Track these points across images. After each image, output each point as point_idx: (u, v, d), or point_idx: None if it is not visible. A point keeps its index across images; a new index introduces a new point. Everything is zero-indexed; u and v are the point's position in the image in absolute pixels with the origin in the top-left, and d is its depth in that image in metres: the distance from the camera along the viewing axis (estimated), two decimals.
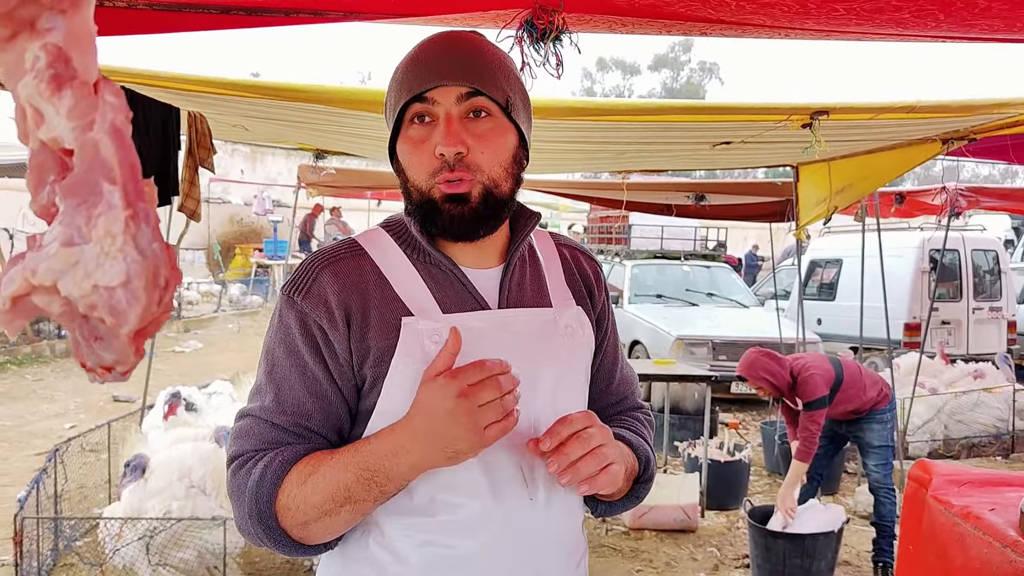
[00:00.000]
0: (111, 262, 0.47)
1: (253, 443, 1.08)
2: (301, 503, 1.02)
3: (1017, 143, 3.79)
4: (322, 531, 1.05)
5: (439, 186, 1.09)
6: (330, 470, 1.02)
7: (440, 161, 1.08)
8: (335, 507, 1.02)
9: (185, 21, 1.93)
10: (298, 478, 1.03)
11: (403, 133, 1.13)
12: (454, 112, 1.08)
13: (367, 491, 1.01)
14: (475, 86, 1.08)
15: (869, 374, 4.17)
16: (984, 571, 1.96)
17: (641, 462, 1.25)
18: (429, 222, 1.12)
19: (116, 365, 0.52)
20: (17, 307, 0.51)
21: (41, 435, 6.59)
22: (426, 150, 1.09)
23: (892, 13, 1.57)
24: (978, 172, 34.83)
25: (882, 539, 4.14)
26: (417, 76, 1.09)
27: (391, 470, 1.01)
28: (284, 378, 1.10)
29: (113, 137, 0.50)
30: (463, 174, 1.08)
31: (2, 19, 0.49)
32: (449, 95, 1.08)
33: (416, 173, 1.11)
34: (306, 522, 1.04)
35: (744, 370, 4.02)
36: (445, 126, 1.08)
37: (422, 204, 1.11)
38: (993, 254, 9.87)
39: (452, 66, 1.09)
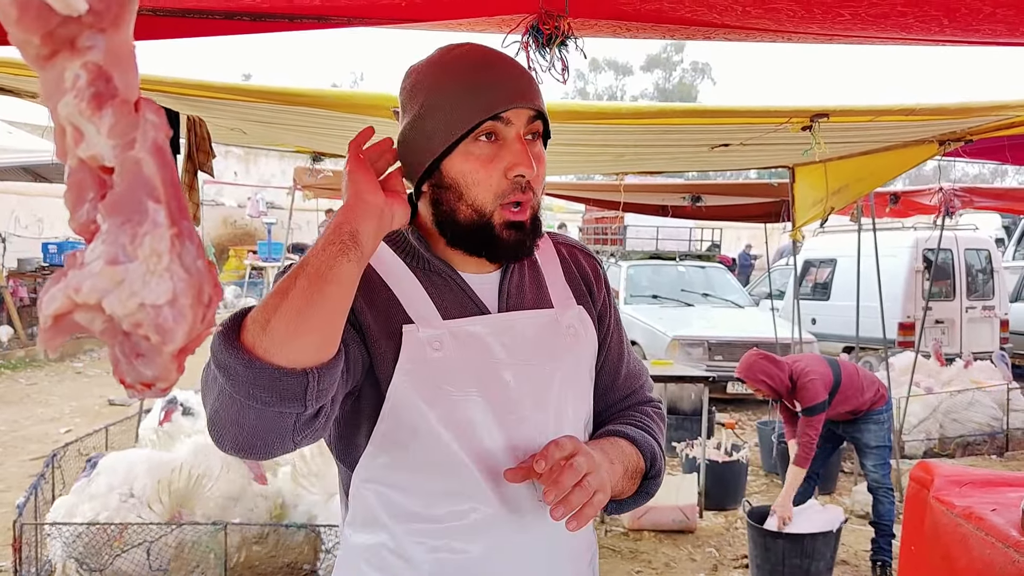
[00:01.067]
0: (157, 280, 0.47)
1: None
2: (261, 306, 0.91)
3: (1013, 143, 3.81)
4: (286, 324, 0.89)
5: (502, 211, 1.09)
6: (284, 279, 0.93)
7: (511, 183, 1.08)
8: (290, 281, 0.91)
9: (189, 27, 1.93)
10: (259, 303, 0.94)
11: (464, 149, 1.09)
12: (523, 133, 1.10)
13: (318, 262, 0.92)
14: (541, 109, 1.11)
15: (866, 375, 4.19)
16: (987, 571, 1.97)
17: (647, 459, 1.23)
18: (474, 243, 1.12)
19: (157, 381, 0.52)
20: (59, 325, 0.51)
21: (36, 439, 6.56)
22: (495, 170, 1.08)
23: (897, 18, 1.59)
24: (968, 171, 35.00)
25: (880, 538, 4.16)
26: (493, 93, 1.07)
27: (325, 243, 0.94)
28: None
29: (155, 156, 0.50)
30: (527, 197, 1.10)
31: (43, 38, 0.49)
32: (522, 116, 1.09)
33: (479, 192, 1.09)
34: (267, 318, 0.90)
35: (743, 372, 4.03)
36: (523, 147, 1.08)
37: (474, 224, 1.10)
38: (986, 253, 9.92)
39: (525, 87, 1.10)
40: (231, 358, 0.88)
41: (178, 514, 3.58)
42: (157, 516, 3.52)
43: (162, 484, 3.56)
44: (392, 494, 1.11)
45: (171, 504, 3.57)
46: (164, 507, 3.55)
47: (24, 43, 0.49)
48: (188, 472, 3.66)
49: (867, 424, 4.11)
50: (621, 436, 1.21)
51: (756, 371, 3.97)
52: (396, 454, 1.10)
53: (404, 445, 1.09)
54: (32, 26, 0.47)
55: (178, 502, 3.60)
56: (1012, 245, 13.48)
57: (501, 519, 1.09)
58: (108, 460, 3.82)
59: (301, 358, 0.90)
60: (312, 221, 17.70)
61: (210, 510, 3.66)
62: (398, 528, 1.10)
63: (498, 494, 1.10)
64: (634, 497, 1.25)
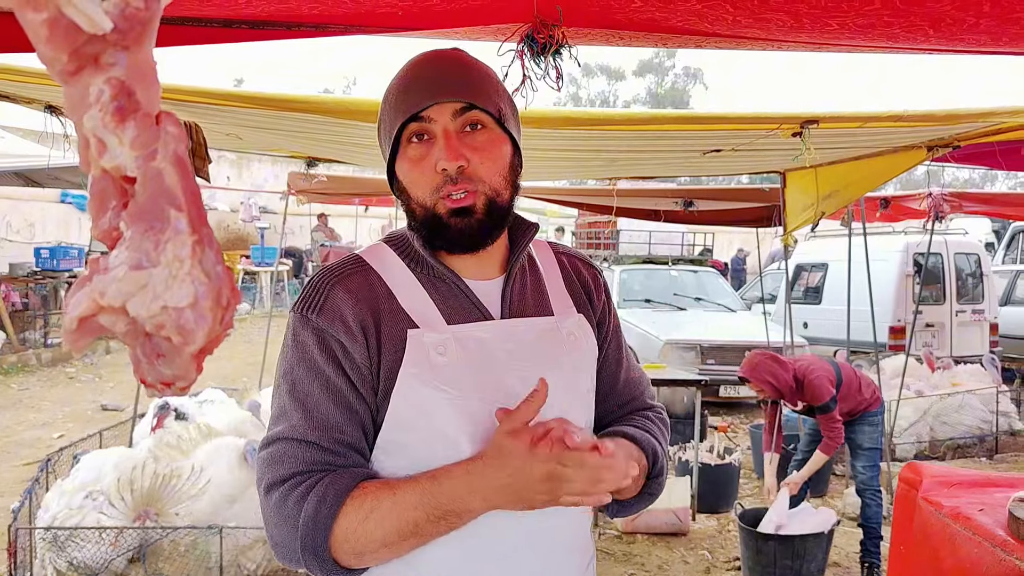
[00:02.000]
0: (179, 284, 0.50)
1: (291, 467, 1.07)
2: (361, 537, 1.03)
3: (1004, 148, 3.87)
4: (377, 559, 1.07)
5: (443, 201, 1.12)
6: (395, 508, 1.03)
7: (442, 176, 1.11)
8: (398, 540, 1.04)
9: (188, 35, 1.95)
10: (357, 513, 1.03)
11: (401, 153, 1.15)
12: (451, 127, 1.11)
13: (436, 527, 1.03)
14: (469, 100, 1.12)
15: (862, 376, 4.24)
16: (975, 571, 2.00)
17: (648, 457, 1.25)
18: (436, 237, 1.14)
19: (177, 380, 0.54)
20: (83, 327, 0.53)
21: (28, 445, 6.54)
22: (427, 167, 1.12)
23: (883, 28, 1.62)
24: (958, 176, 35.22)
25: (868, 540, 4.20)
26: (411, 97, 1.12)
27: (464, 509, 1.03)
28: (308, 395, 1.09)
29: (176, 166, 0.53)
30: (466, 186, 1.11)
31: (70, 56, 0.52)
32: (444, 112, 1.11)
33: (419, 190, 1.14)
34: (363, 553, 1.05)
35: (747, 372, 4.02)
36: (444, 142, 1.11)
37: (427, 220, 1.14)
38: (975, 257, 10.00)
39: (444, 83, 1.12)
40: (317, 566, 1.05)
41: (144, 513, 3.56)
42: (120, 514, 3.50)
43: (123, 482, 3.55)
44: None
45: (135, 503, 3.54)
46: (127, 505, 3.53)
47: (52, 60, 0.51)
48: (153, 471, 3.65)
49: (862, 425, 4.15)
50: (622, 435, 1.23)
51: (762, 371, 3.96)
52: (398, 456, 1.11)
53: (406, 447, 1.11)
54: (61, 44, 0.50)
55: (144, 501, 3.57)
56: (1001, 249, 13.59)
57: (504, 523, 1.11)
58: (88, 458, 3.85)
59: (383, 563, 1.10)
60: (305, 226, 17.68)
61: (203, 511, 3.66)
62: None
63: None
64: (638, 498, 1.27)
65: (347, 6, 1.74)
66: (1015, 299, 11.05)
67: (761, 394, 4.11)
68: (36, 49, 0.52)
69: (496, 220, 1.15)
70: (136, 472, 3.61)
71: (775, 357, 4.04)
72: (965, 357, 9.10)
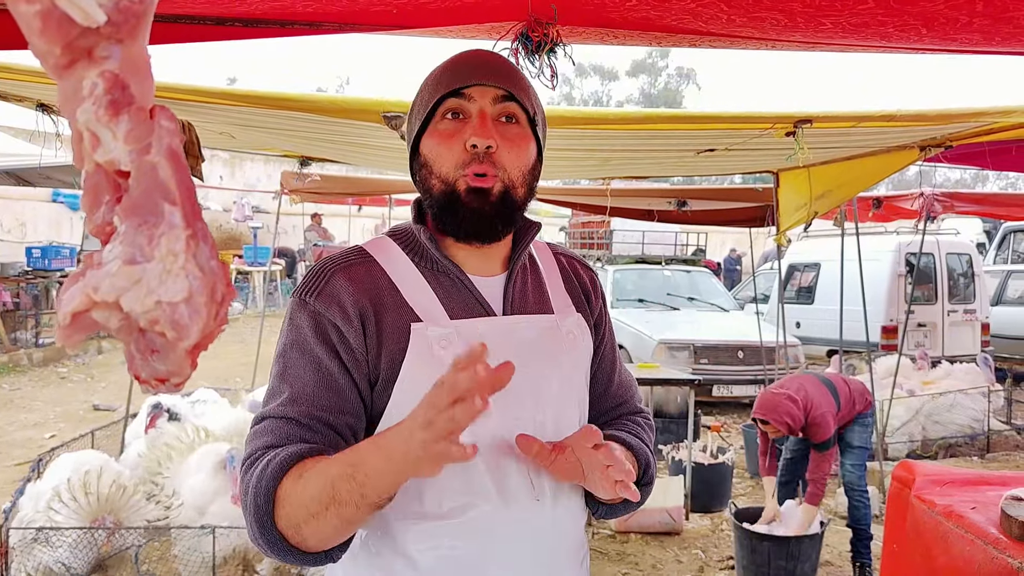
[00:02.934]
0: (173, 279, 0.49)
1: (265, 440, 1.06)
2: (294, 501, 0.99)
3: (992, 149, 3.88)
4: (314, 536, 1.00)
5: (465, 178, 1.12)
6: (322, 468, 0.99)
7: (470, 154, 1.12)
8: (321, 508, 0.97)
9: (181, 33, 1.94)
10: (295, 474, 1.00)
11: (432, 127, 1.17)
12: (488, 110, 1.14)
13: (348, 490, 0.96)
14: (511, 90, 1.14)
15: (854, 385, 4.21)
16: (967, 568, 2.01)
17: (641, 465, 1.27)
18: (448, 214, 1.15)
19: (171, 376, 0.54)
20: (77, 322, 0.53)
21: (20, 445, 6.50)
22: (456, 142, 1.13)
23: (877, 27, 1.63)
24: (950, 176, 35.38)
25: (859, 541, 4.20)
26: (457, 74, 1.14)
27: (368, 464, 0.96)
28: (297, 376, 1.10)
29: (170, 160, 0.52)
30: (489, 168, 1.12)
31: (63, 48, 0.51)
32: (486, 95, 1.14)
33: (443, 164, 1.14)
34: (298, 524, 0.99)
35: (766, 414, 3.92)
36: (479, 121, 1.12)
37: (444, 195, 1.14)
38: (967, 257, 10.05)
39: (491, 69, 1.15)
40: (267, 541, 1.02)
41: (101, 519, 3.52)
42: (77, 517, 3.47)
43: (73, 485, 3.53)
44: None
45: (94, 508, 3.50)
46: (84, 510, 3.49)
47: (45, 53, 0.51)
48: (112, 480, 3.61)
49: (853, 426, 4.16)
50: (619, 441, 1.24)
51: (782, 413, 3.86)
52: None
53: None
54: (54, 37, 0.50)
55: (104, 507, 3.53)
56: (993, 249, 13.65)
57: (499, 517, 1.12)
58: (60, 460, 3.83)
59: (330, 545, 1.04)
60: (298, 225, 17.66)
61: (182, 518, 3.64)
62: (397, 526, 1.12)
63: (497, 492, 1.12)
64: (624, 503, 1.27)
65: (341, 4, 1.74)
66: (1006, 299, 11.10)
67: (776, 433, 3.99)
68: (29, 42, 0.52)
69: (507, 211, 1.16)
70: (90, 476, 3.57)
71: (789, 396, 3.93)
72: (957, 356, 9.15)
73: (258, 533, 1.01)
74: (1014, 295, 11.09)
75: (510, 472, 1.13)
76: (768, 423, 3.93)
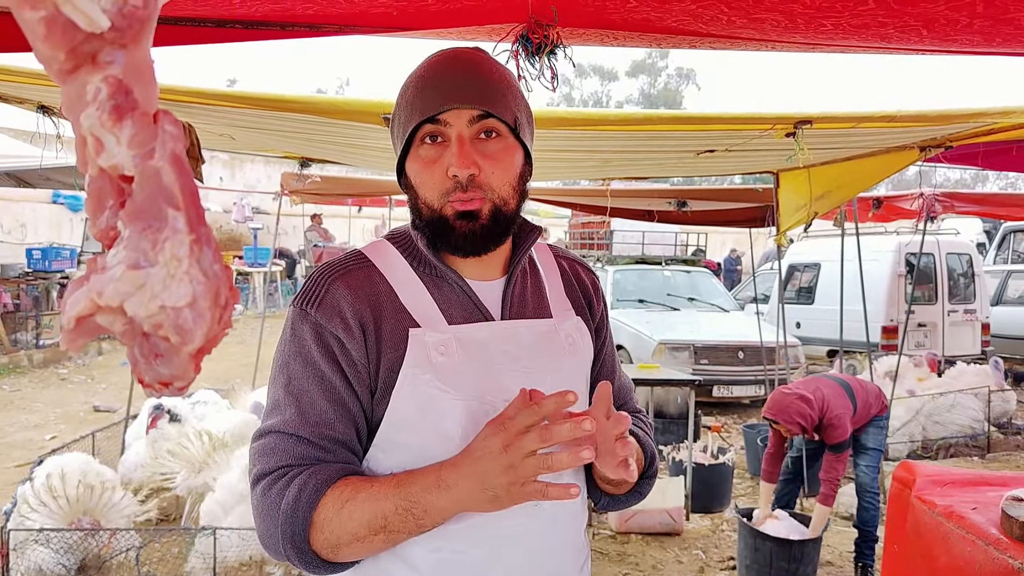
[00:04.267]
0: (177, 284, 0.49)
1: (279, 459, 1.08)
2: (336, 528, 1.03)
3: (991, 149, 3.88)
4: (352, 554, 1.06)
5: (451, 204, 1.11)
6: (369, 498, 1.02)
7: (453, 182, 1.11)
8: (370, 534, 1.02)
9: (182, 35, 1.94)
10: (334, 503, 1.03)
11: (413, 152, 1.15)
12: (466, 133, 1.11)
13: (404, 522, 1.01)
14: (486, 109, 1.11)
15: (870, 388, 4.19)
16: (967, 568, 2.02)
17: (646, 458, 1.29)
18: (440, 238, 1.14)
19: (175, 380, 0.54)
20: (81, 327, 0.53)
21: (20, 446, 6.51)
22: (438, 170, 1.12)
23: (877, 28, 1.63)
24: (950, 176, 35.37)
25: (864, 543, 4.21)
26: (429, 97, 1.11)
27: (430, 504, 1.00)
28: (303, 390, 1.09)
29: (174, 165, 0.52)
30: (474, 193, 1.11)
31: (67, 54, 0.51)
32: (461, 117, 1.11)
33: (428, 192, 1.13)
34: (338, 545, 1.04)
35: (776, 414, 3.90)
36: (458, 148, 1.10)
37: (433, 221, 1.14)
38: (967, 257, 10.06)
39: (464, 89, 1.10)
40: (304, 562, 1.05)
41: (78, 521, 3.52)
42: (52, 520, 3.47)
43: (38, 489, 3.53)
44: None
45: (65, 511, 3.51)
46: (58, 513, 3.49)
47: (49, 58, 0.51)
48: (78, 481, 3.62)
49: (868, 428, 4.13)
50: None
51: (792, 413, 3.84)
52: (397, 456, 1.12)
53: (405, 446, 1.11)
54: (58, 42, 0.50)
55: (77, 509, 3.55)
56: (993, 249, 13.66)
57: (500, 522, 1.11)
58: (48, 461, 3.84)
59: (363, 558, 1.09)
60: (298, 226, 17.65)
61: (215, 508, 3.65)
62: None
63: None
64: (628, 495, 1.29)
65: (341, 6, 1.74)
66: (1006, 299, 11.11)
67: (788, 433, 3.98)
68: (33, 47, 0.52)
69: (501, 227, 1.15)
70: (52, 480, 3.57)
71: (802, 396, 3.91)
72: (957, 356, 9.15)
73: (292, 554, 1.05)
74: (1014, 295, 11.09)
75: None
76: (779, 423, 3.91)
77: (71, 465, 3.80)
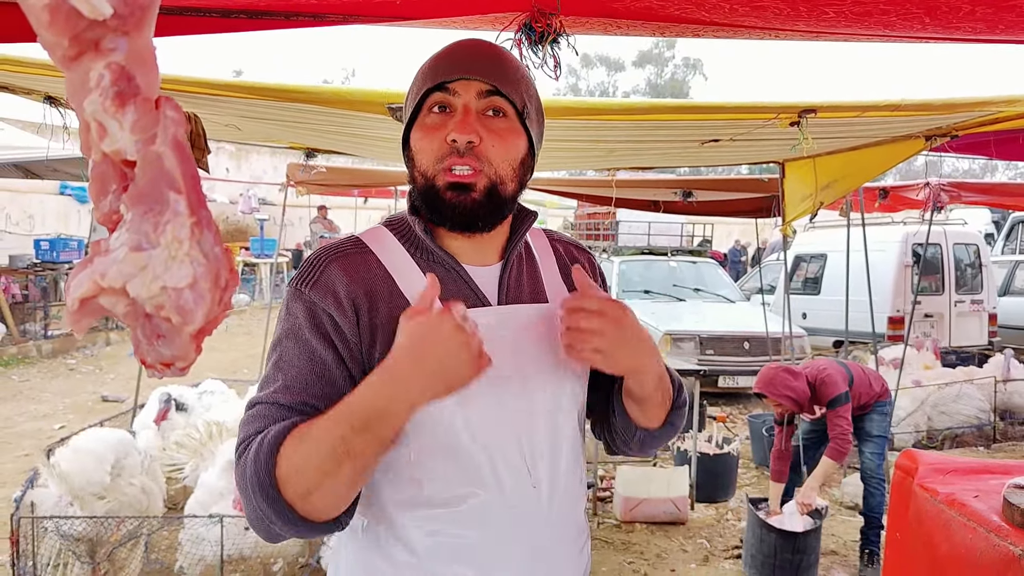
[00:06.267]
0: (179, 265, 0.51)
1: (257, 425, 1.07)
2: (301, 466, 0.99)
3: (999, 139, 3.87)
4: (326, 499, 1.01)
5: (443, 173, 1.13)
6: (324, 428, 0.99)
7: (450, 147, 1.12)
8: (335, 466, 0.98)
9: (186, 25, 1.95)
10: (294, 442, 1.00)
11: (419, 121, 1.17)
12: (473, 105, 1.14)
13: (365, 440, 0.98)
14: (496, 85, 1.14)
15: (870, 372, 4.23)
16: (969, 556, 2.02)
17: (675, 387, 1.30)
18: (432, 211, 1.16)
19: (176, 361, 0.55)
20: (84, 308, 0.54)
21: (30, 436, 6.56)
22: (438, 136, 1.13)
23: (879, 16, 1.63)
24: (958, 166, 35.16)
25: (870, 530, 4.21)
26: (442, 68, 1.14)
27: (385, 408, 0.98)
28: (291, 364, 1.10)
29: (175, 149, 0.54)
30: (471, 162, 1.12)
31: (71, 41, 0.53)
32: (471, 89, 1.13)
33: (424, 158, 1.15)
34: (308, 490, 0.99)
35: (764, 388, 3.93)
36: (463, 115, 1.13)
37: (425, 191, 1.15)
38: (974, 248, 10.01)
39: (477, 63, 1.14)
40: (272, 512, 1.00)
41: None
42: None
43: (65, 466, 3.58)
44: (391, 480, 1.14)
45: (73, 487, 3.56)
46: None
47: (54, 45, 0.52)
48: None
49: (872, 415, 4.16)
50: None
51: (778, 385, 3.88)
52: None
53: (404, 431, 1.12)
54: (62, 29, 0.51)
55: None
56: (1001, 240, 13.59)
57: (497, 505, 1.13)
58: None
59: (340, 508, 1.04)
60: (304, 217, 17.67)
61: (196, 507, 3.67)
62: (397, 513, 1.13)
63: (495, 480, 1.13)
64: (663, 429, 1.30)
65: None
66: (1014, 289, 11.06)
67: (779, 408, 4.00)
68: (37, 35, 0.53)
69: (495, 206, 1.16)
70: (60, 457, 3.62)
71: (788, 369, 3.95)
72: (963, 347, 9.13)
73: (266, 507, 1.00)
74: (1022, 285, 11.04)
75: (507, 460, 1.14)
76: (766, 397, 3.95)
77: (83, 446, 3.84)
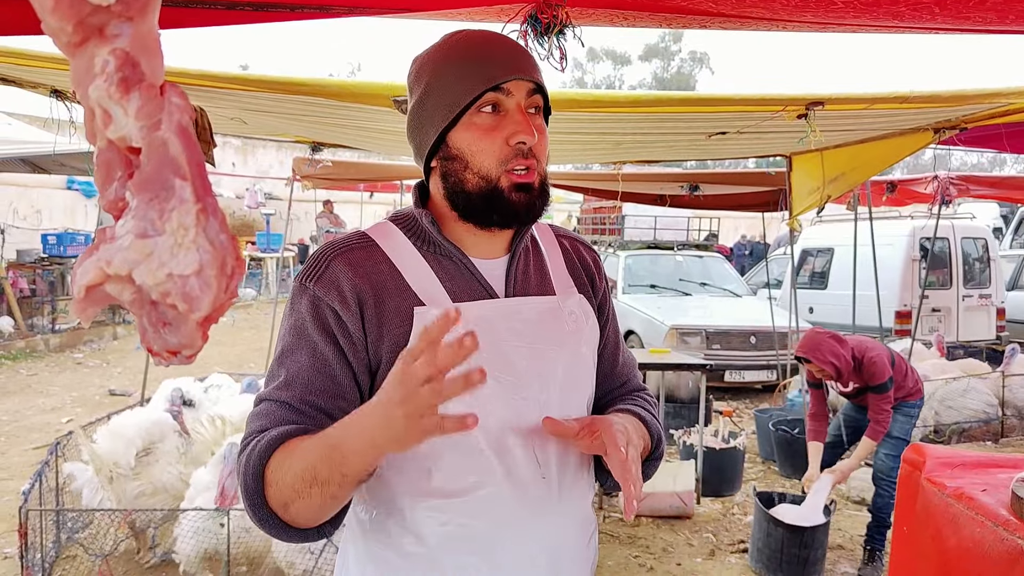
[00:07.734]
0: (185, 252, 0.50)
1: (259, 424, 1.09)
2: (279, 481, 1.02)
3: (1011, 131, 3.84)
4: (302, 513, 1.03)
5: (507, 175, 1.13)
6: (303, 450, 1.01)
7: (514, 150, 1.13)
8: (305, 487, 1.00)
9: (191, 17, 1.95)
10: (281, 455, 1.02)
11: (467, 121, 1.14)
12: (524, 104, 1.15)
13: (329, 471, 0.98)
14: (541, 83, 1.16)
15: (909, 365, 4.16)
16: (976, 550, 2.01)
17: (653, 440, 1.29)
18: (489, 210, 1.15)
19: (183, 348, 0.55)
20: (90, 296, 0.54)
21: (38, 429, 6.59)
22: (497, 138, 1.13)
23: (889, 6, 1.61)
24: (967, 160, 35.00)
25: (876, 528, 4.19)
26: (493, 67, 1.13)
27: (347, 446, 0.96)
28: (294, 360, 1.11)
29: (180, 136, 0.53)
30: (532, 163, 1.14)
31: (75, 27, 0.52)
32: (522, 88, 1.14)
33: (485, 160, 1.14)
34: (286, 503, 1.02)
35: (808, 352, 3.84)
36: (522, 116, 1.13)
37: (484, 191, 1.14)
38: (982, 242, 9.96)
39: (525, 62, 1.16)
40: (260, 519, 1.05)
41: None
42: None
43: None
44: (400, 471, 1.14)
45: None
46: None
47: (58, 31, 0.52)
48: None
49: (896, 415, 4.08)
50: (633, 415, 1.27)
51: (825, 351, 3.79)
52: None
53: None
54: (66, 15, 0.51)
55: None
56: (1009, 234, 13.53)
57: (506, 495, 1.13)
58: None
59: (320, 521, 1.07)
60: (311, 212, 17.71)
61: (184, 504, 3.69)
62: (406, 504, 1.13)
63: (504, 471, 1.13)
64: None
65: None
66: (1022, 284, 11.01)
67: (820, 374, 3.92)
68: (42, 20, 0.52)
69: (546, 197, 1.19)
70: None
71: (835, 336, 3.88)
72: (972, 342, 9.08)
73: (250, 512, 1.04)
74: None
75: (516, 451, 1.14)
76: (810, 362, 3.85)
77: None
